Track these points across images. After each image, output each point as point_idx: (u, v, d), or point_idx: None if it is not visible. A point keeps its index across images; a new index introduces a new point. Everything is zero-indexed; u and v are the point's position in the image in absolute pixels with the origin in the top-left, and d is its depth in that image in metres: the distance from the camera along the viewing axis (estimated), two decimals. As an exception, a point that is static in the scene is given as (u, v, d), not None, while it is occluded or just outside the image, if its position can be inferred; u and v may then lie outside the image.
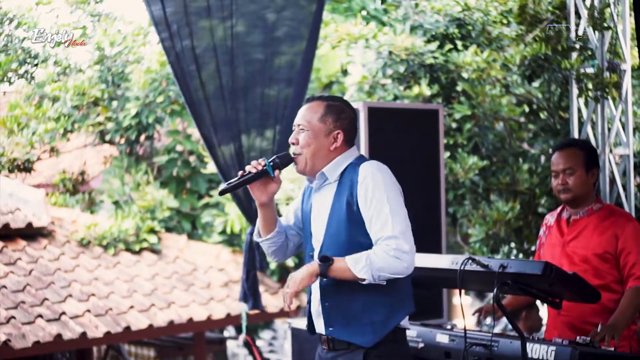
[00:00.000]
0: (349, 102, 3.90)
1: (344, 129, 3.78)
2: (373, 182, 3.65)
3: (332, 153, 3.77)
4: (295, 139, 3.79)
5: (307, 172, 3.81)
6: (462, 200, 7.36)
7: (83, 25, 12.32)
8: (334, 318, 3.75)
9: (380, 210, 3.62)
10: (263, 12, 6.63)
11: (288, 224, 4.03)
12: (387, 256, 3.56)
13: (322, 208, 3.80)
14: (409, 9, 7.65)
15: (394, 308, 3.73)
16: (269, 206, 3.89)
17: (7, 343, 6.79)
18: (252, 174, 3.79)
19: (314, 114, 3.78)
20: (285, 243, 4.01)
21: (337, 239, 3.71)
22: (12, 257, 8.17)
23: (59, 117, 11.83)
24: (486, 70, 7.16)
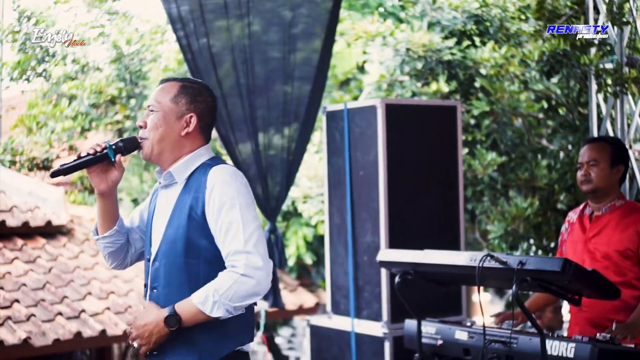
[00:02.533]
0: (210, 88, 3.47)
1: (199, 113, 3.33)
2: (222, 190, 3.21)
3: (184, 141, 3.33)
4: (143, 121, 3.34)
5: (152, 158, 3.34)
6: (480, 197, 7.34)
7: (100, 23, 12.37)
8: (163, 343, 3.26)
9: (230, 221, 3.17)
10: (279, 9, 6.62)
11: (132, 226, 3.55)
12: (235, 282, 3.10)
13: (163, 210, 3.35)
14: (426, 6, 7.63)
15: (229, 335, 3.27)
16: (109, 198, 3.40)
17: (28, 341, 6.82)
18: (90, 157, 3.29)
19: (166, 94, 3.34)
20: (125, 246, 3.53)
21: (174, 246, 3.25)
22: (31, 255, 8.21)
23: (77, 115, 11.88)
24: (504, 66, 7.14)
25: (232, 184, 3.23)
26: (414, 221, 5.68)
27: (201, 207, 3.22)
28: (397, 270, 4.55)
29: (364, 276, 5.69)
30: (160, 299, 3.26)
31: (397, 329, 5.39)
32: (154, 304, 3.23)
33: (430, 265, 4.33)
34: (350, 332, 5.70)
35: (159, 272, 3.29)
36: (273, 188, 6.74)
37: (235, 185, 3.23)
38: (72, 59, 12.42)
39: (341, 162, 5.84)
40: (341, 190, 5.85)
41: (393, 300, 5.46)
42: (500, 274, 3.95)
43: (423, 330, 4.55)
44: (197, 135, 3.36)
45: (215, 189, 3.21)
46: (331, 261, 5.97)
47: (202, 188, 3.24)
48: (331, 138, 5.96)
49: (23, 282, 7.63)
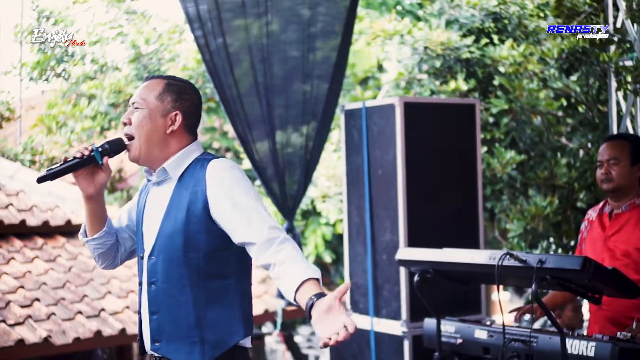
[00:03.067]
0: (195, 87, 3.42)
1: (184, 111, 3.29)
2: (231, 181, 3.18)
3: (169, 139, 3.28)
4: (128, 118, 3.28)
5: (141, 160, 3.30)
6: (499, 195, 7.32)
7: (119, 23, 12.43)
8: (161, 332, 3.24)
9: (249, 208, 3.13)
10: (298, 8, 6.63)
11: (120, 226, 3.52)
12: (289, 244, 3.08)
13: (157, 206, 3.30)
14: (444, 4, 7.61)
15: (232, 329, 3.23)
16: (97, 200, 3.37)
17: (48, 339, 6.86)
18: (77, 160, 3.25)
19: (151, 92, 3.28)
20: (115, 246, 3.49)
21: (172, 241, 3.21)
22: (51, 254, 8.25)
23: (96, 115, 11.93)
24: (523, 64, 7.12)
25: (236, 175, 3.20)
26: (433, 220, 5.67)
27: (202, 202, 3.18)
28: (416, 268, 4.55)
29: (383, 275, 5.68)
30: (159, 293, 3.24)
31: (416, 327, 5.38)
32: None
33: (450, 264, 4.33)
34: (369, 331, 5.70)
35: (156, 267, 3.25)
36: (290, 187, 6.75)
37: (238, 175, 3.21)
38: (91, 58, 12.48)
39: (360, 161, 5.84)
40: (360, 189, 5.85)
41: (412, 299, 5.45)
42: (519, 272, 3.94)
43: (442, 329, 4.55)
44: (182, 134, 3.31)
45: (221, 182, 3.17)
46: (350, 260, 5.97)
47: (202, 182, 3.20)
48: (349, 137, 5.95)
49: (43, 281, 7.66)
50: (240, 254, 3.23)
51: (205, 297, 3.20)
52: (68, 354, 7.29)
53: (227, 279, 3.23)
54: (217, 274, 3.21)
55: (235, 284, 3.25)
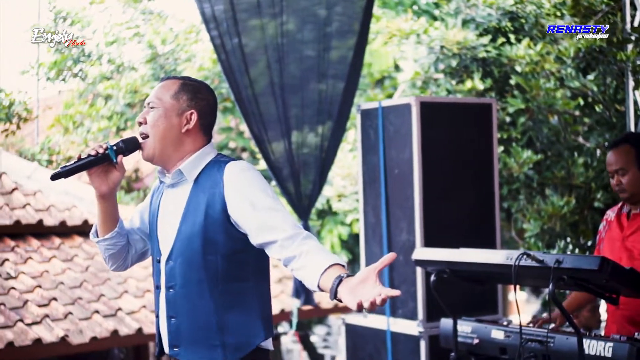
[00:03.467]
0: (211, 88, 3.41)
1: (200, 110, 3.27)
2: (250, 183, 3.16)
3: (185, 138, 3.26)
4: (143, 118, 3.27)
5: (155, 158, 3.27)
6: (516, 195, 7.30)
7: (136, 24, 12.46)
8: (180, 336, 3.22)
9: (269, 208, 3.10)
10: (314, 8, 6.63)
11: (132, 227, 3.49)
12: (310, 237, 3.05)
13: (173, 209, 3.27)
14: (460, 3, 7.60)
15: (252, 332, 3.21)
16: (110, 199, 3.35)
17: (65, 338, 6.89)
18: (91, 158, 3.23)
19: (167, 91, 3.28)
20: (125, 248, 3.46)
21: (191, 244, 3.17)
22: (69, 253, 8.29)
23: (112, 115, 11.97)
24: (540, 63, 7.09)
25: (254, 177, 3.18)
26: (449, 219, 5.66)
27: (220, 204, 3.14)
28: (432, 268, 4.54)
29: (400, 275, 5.67)
30: (177, 298, 3.21)
31: (433, 327, 5.37)
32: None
33: (466, 264, 4.31)
34: (385, 330, 5.69)
35: (174, 270, 3.22)
36: (306, 186, 6.75)
37: (256, 177, 3.19)
38: (108, 59, 12.52)
39: (376, 161, 5.83)
40: (376, 188, 5.85)
41: (428, 299, 5.45)
42: (536, 272, 3.92)
43: (459, 329, 4.54)
44: (197, 133, 3.29)
45: (240, 184, 3.15)
46: (366, 260, 5.97)
47: (219, 184, 3.17)
48: (366, 136, 5.95)
49: (61, 280, 7.70)
50: (258, 256, 3.22)
51: (224, 300, 3.17)
52: (85, 353, 7.32)
53: (246, 281, 3.21)
54: (236, 276, 3.19)
55: (255, 286, 3.24)
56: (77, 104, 12.65)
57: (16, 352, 6.61)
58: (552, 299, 3.81)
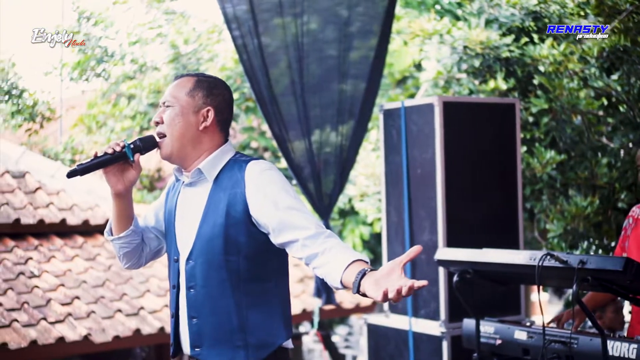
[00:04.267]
0: (226, 83, 3.38)
1: (216, 106, 3.25)
2: (272, 182, 3.15)
3: (202, 136, 3.24)
4: (160, 117, 3.25)
5: (173, 157, 3.26)
6: (539, 195, 7.26)
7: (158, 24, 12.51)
8: (202, 337, 3.21)
9: (291, 208, 3.09)
10: (336, 8, 6.63)
11: (146, 225, 3.47)
12: (333, 236, 3.05)
13: (192, 208, 3.25)
14: (483, 3, 7.57)
15: (274, 332, 3.21)
16: (126, 198, 3.31)
17: (88, 337, 6.92)
18: (108, 156, 3.19)
19: (182, 89, 3.26)
20: (140, 246, 3.45)
21: (211, 244, 3.16)
22: (91, 252, 8.33)
23: (135, 114, 12.03)
24: (563, 63, 7.05)
25: (276, 176, 3.16)
26: (472, 220, 5.65)
27: (242, 204, 3.13)
28: (455, 269, 4.53)
29: (422, 275, 5.66)
30: (199, 298, 3.20)
31: (455, 328, 5.36)
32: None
33: (489, 264, 4.30)
34: (407, 331, 5.68)
35: (195, 270, 3.20)
36: (327, 186, 6.75)
37: (278, 176, 3.17)
38: (131, 59, 12.58)
39: (398, 160, 5.82)
40: (398, 188, 5.84)
41: (451, 299, 5.43)
42: (560, 273, 3.91)
43: (481, 330, 4.52)
44: (215, 130, 3.27)
45: (262, 183, 3.13)
46: (388, 260, 5.96)
47: (240, 184, 3.15)
48: (388, 136, 5.94)
49: (83, 279, 7.74)
50: (279, 256, 3.22)
51: (246, 300, 3.17)
52: (107, 352, 7.35)
53: (268, 281, 3.21)
54: (258, 276, 3.18)
55: (276, 285, 3.23)
56: (100, 103, 12.71)
57: (39, 350, 6.65)
58: (576, 300, 3.79)
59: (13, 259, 7.70)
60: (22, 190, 8.57)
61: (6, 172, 8.73)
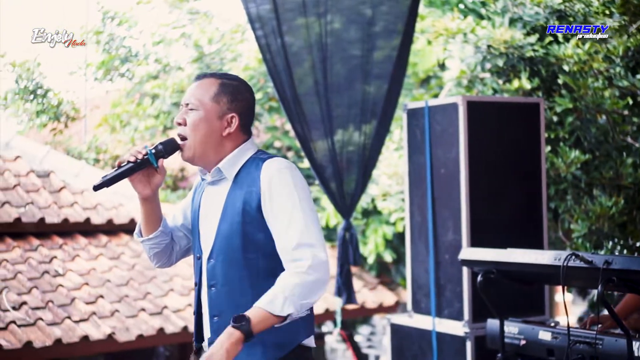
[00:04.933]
0: (249, 84, 3.37)
1: (240, 112, 3.25)
2: (280, 183, 3.14)
3: (225, 140, 3.24)
4: (182, 119, 3.24)
5: (195, 161, 3.27)
6: (564, 195, 7.22)
7: (182, 24, 12.54)
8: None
9: (291, 214, 3.10)
10: (359, 7, 6.62)
11: (175, 225, 3.49)
12: (301, 279, 3.02)
13: (213, 206, 3.27)
14: (508, 2, 7.54)
15: (292, 330, 3.18)
16: (153, 201, 3.34)
17: (112, 336, 6.95)
18: (132, 164, 3.22)
19: (206, 92, 3.23)
20: (170, 245, 3.47)
21: (230, 243, 3.18)
22: (115, 251, 8.36)
23: (159, 114, 12.06)
24: (588, 62, 7.01)
25: (289, 177, 3.15)
26: (496, 219, 5.63)
27: (256, 201, 3.15)
28: (479, 269, 4.51)
29: (445, 275, 5.65)
30: (220, 296, 3.22)
31: (479, 328, 5.34)
32: None
33: (514, 264, 4.29)
34: (431, 331, 5.67)
35: (215, 269, 3.22)
36: (349, 186, 6.75)
37: (291, 178, 3.16)
38: (155, 58, 12.62)
39: (422, 160, 5.81)
40: (422, 188, 5.83)
41: (475, 300, 5.42)
42: (585, 273, 3.89)
43: (505, 330, 4.51)
44: (238, 134, 3.27)
45: (272, 183, 3.14)
46: (412, 259, 5.95)
47: (257, 182, 3.16)
48: (412, 136, 5.93)
49: (107, 278, 7.77)
50: None
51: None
52: (131, 350, 7.38)
53: None
54: (277, 273, 3.15)
55: None
56: (124, 103, 12.76)
57: (64, 348, 6.69)
58: (601, 301, 3.76)
59: (38, 257, 7.75)
60: (47, 190, 8.62)
61: (31, 171, 8.78)
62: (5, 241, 7.85)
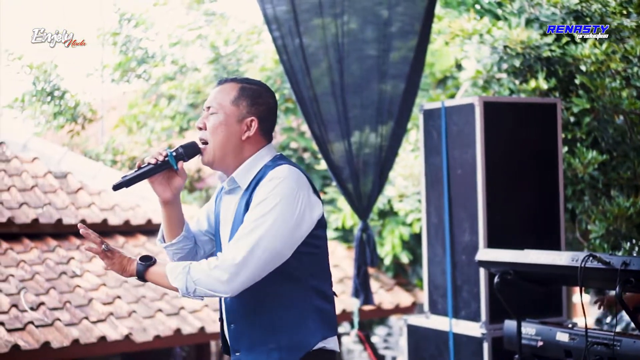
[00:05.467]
0: (270, 89, 3.34)
1: (260, 116, 3.23)
2: (266, 189, 3.09)
3: (245, 145, 3.23)
4: (203, 123, 3.25)
5: (215, 164, 3.26)
6: (581, 196, 7.20)
7: (198, 25, 12.57)
8: (239, 341, 3.22)
9: (249, 219, 3.07)
10: (376, 8, 6.62)
11: (199, 229, 3.48)
12: (208, 269, 3.02)
13: (227, 216, 3.27)
14: (524, 2, 7.52)
15: (307, 331, 3.18)
16: (174, 204, 3.34)
17: (129, 336, 6.97)
18: (152, 166, 3.22)
19: (226, 96, 3.23)
20: (194, 250, 3.45)
21: None
22: (132, 252, 8.38)
23: (175, 115, 12.09)
24: (605, 62, 6.98)
25: (280, 185, 3.09)
26: (513, 220, 5.62)
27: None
28: (496, 270, 4.51)
29: (462, 276, 5.64)
30: (234, 304, 3.22)
31: (496, 329, 5.33)
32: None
33: (531, 265, 4.28)
34: (448, 332, 5.67)
35: None
36: (365, 187, 6.75)
37: (281, 187, 3.09)
38: (171, 60, 12.65)
39: (438, 161, 5.81)
40: (438, 189, 5.82)
41: (492, 301, 5.41)
42: (603, 274, 3.88)
43: (523, 331, 4.50)
44: (258, 138, 3.25)
45: (264, 186, 3.10)
46: (429, 260, 5.94)
47: (258, 185, 3.15)
48: (428, 136, 5.93)
49: (124, 279, 7.79)
50: (312, 255, 3.19)
51: (278, 302, 3.16)
52: (148, 351, 7.41)
53: (300, 281, 3.18)
54: (289, 277, 3.15)
55: (309, 285, 3.20)
56: (141, 104, 12.80)
57: (81, 349, 6.72)
58: (619, 302, 3.75)
59: (55, 258, 7.79)
60: (64, 191, 8.66)
61: (49, 172, 8.82)
62: (23, 242, 7.89)
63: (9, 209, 7.98)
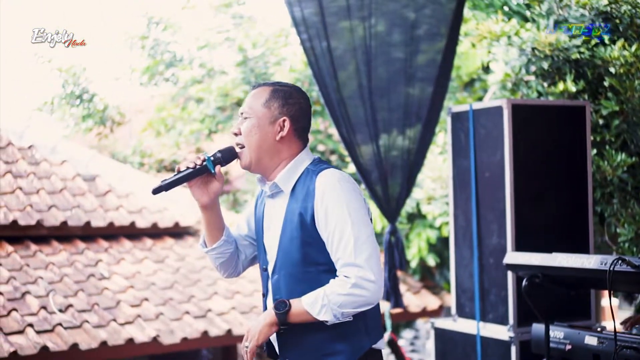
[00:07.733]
0: (302, 90, 3.41)
1: (292, 115, 3.29)
2: (333, 197, 3.17)
3: (279, 146, 3.29)
4: (237, 128, 3.32)
5: (252, 167, 3.33)
6: (610, 199, 7.15)
7: (226, 28, 12.60)
8: (288, 349, 3.28)
9: (342, 231, 3.14)
10: (403, 10, 6.61)
11: (240, 233, 3.54)
12: (345, 290, 3.10)
13: (274, 219, 3.33)
14: (553, 4, 7.47)
15: (356, 339, 3.24)
16: (213, 209, 3.40)
17: (157, 338, 7.00)
18: (190, 171, 3.29)
19: (258, 100, 3.30)
20: (235, 254, 3.51)
21: (291, 257, 3.23)
22: (160, 255, 8.42)
23: (204, 118, 12.13)
24: (635, 64, 6.93)
25: (341, 190, 3.18)
26: (541, 223, 5.58)
27: (311, 216, 3.19)
28: (524, 273, 4.48)
29: (490, 279, 5.61)
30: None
31: (524, 332, 5.30)
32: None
33: (559, 269, 4.25)
34: (475, 335, 5.64)
35: (279, 283, 3.28)
36: (394, 190, 6.74)
37: (344, 191, 3.19)
38: (199, 63, 12.70)
39: (466, 164, 5.78)
40: (466, 191, 5.80)
41: (519, 304, 5.37)
42: (632, 278, 3.84)
43: (551, 335, 4.47)
44: (292, 139, 3.32)
45: (324, 196, 3.17)
46: (456, 263, 5.92)
47: (311, 196, 3.20)
48: (456, 139, 5.91)
49: (152, 281, 7.83)
50: None
51: None
52: (175, 353, 7.43)
53: None
54: None
55: None
56: (169, 107, 12.85)
57: (109, 351, 6.75)
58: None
59: (84, 261, 7.83)
60: (93, 193, 8.71)
61: (77, 175, 8.88)
62: (51, 244, 7.94)
63: (38, 211, 8.04)
